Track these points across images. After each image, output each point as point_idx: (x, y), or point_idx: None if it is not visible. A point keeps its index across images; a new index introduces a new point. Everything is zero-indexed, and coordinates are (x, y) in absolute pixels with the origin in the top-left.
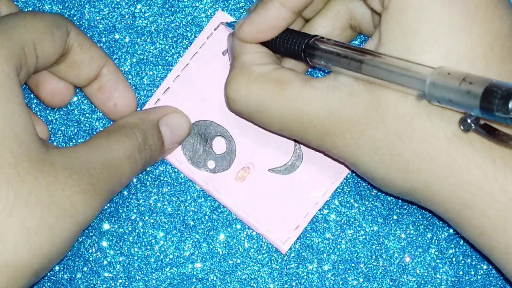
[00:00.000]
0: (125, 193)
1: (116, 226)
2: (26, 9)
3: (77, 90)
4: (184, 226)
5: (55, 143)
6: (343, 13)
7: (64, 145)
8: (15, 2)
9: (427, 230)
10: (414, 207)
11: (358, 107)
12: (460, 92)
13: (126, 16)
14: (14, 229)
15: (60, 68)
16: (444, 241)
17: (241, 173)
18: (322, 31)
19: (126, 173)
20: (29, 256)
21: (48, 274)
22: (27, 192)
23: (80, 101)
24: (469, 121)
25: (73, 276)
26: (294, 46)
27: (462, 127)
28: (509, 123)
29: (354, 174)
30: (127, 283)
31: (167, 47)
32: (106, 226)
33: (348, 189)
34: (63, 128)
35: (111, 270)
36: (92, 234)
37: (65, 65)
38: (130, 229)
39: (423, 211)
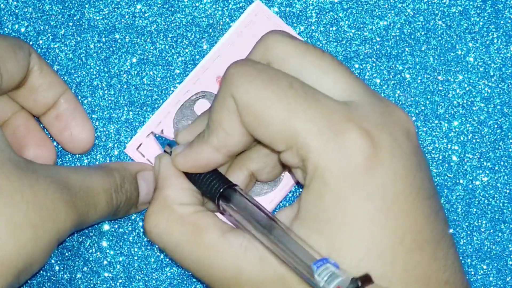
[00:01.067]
0: None
1: (116, 226)
2: (26, 9)
3: None
4: None
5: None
6: (275, 153)
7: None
8: (15, 2)
9: None
10: None
11: (266, 275)
12: None
13: (126, 16)
14: (0, 222)
15: (19, 93)
16: None
17: None
18: (253, 166)
19: (102, 204)
20: (15, 253)
21: (48, 274)
22: (12, 189)
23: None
24: None
25: (73, 276)
26: (210, 190)
27: None
28: None
29: None
30: (127, 283)
31: (167, 47)
32: (106, 226)
33: None
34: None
35: (111, 270)
36: (92, 234)
37: (24, 89)
38: (130, 229)
39: None
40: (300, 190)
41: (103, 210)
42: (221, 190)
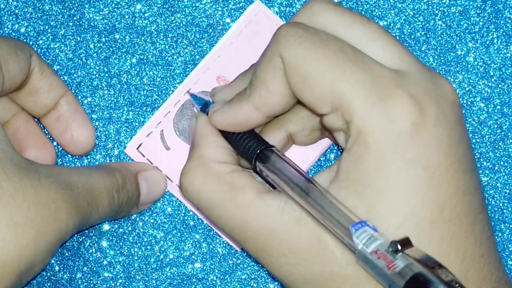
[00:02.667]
0: None
1: (116, 226)
2: (26, 9)
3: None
4: (184, 226)
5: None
6: (316, 116)
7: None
8: (15, 2)
9: None
10: None
11: (301, 237)
12: (385, 277)
13: (126, 16)
14: (1, 223)
15: (20, 95)
16: None
17: None
18: (292, 127)
19: (104, 204)
20: (16, 253)
21: (48, 274)
22: (14, 189)
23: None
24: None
25: (73, 276)
26: (248, 150)
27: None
28: None
29: None
30: (127, 283)
31: (167, 47)
32: (106, 226)
33: None
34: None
35: (111, 270)
36: (92, 234)
37: (25, 91)
38: (130, 229)
39: None
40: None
41: (105, 210)
42: (258, 151)
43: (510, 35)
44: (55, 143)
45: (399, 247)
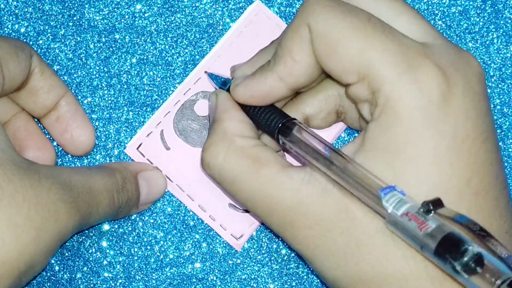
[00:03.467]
0: None
1: (116, 226)
2: (26, 9)
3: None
4: (184, 226)
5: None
6: (333, 98)
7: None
8: (15, 2)
9: None
10: None
11: (327, 207)
12: (416, 238)
13: (126, 16)
14: (2, 224)
15: (20, 95)
16: None
17: None
18: (308, 110)
19: (104, 204)
20: (16, 254)
21: (48, 274)
22: (14, 190)
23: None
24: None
25: (73, 276)
26: (270, 123)
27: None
28: (458, 278)
29: None
30: (127, 283)
31: (167, 47)
32: (106, 226)
33: None
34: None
35: (111, 270)
36: (92, 234)
37: (25, 91)
38: (130, 229)
39: None
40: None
41: (105, 211)
42: (281, 124)
43: (510, 35)
44: (55, 143)
45: (431, 207)
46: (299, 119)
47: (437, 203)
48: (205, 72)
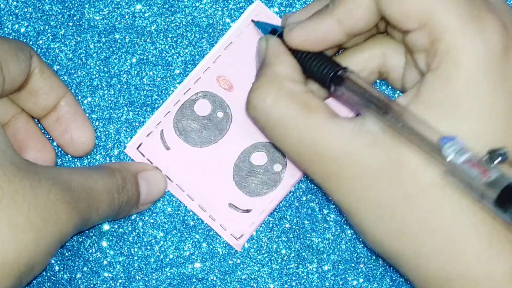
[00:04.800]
0: None
1: (116, 226)
2: (26, 9)
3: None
4: (184, 226)
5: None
6: (377, 57)
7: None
8: (15, 2)
9: None
10: None
11: (376, 159)
12: (476, 187)
13: (126, 16)
14: (1, 224)
15: (20, 96)
16: None
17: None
18: (352, 67)
19: (104, 205)
20: (16, 254)
21: (48, 274)
22: (14, 191)
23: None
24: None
25: (73, 276)
26: (323, 70)
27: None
28: None
29: None
30: (127, 283)
31: (167, 47)
32: (106, 226)
33: None
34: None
35: (111, 270)
36: (92, 234)
37: (25, 92)
38: (130, 229)
39: None
40: (298, 190)
41: (105, 211)
42: (333, 72)
43: None
44: (54, 144)
45: (497, 155)
46: None
47: (501, 153)
48: (252, 20)
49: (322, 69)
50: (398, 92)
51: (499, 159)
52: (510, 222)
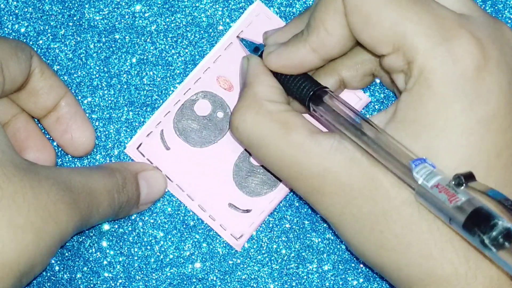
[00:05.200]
0: None
1: (116, 226)
2: (26, 9)
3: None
4: (184, 226)
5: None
6: (369, 61)
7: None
8: (15, 2)
9: None
10: None
11: (354, 175)
12: (445, 211)
13: (126, 16)
14: (1, 224)
15: (20, 96)
16: None
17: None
18: (345, 72)
19: (104, 205)
20: (16, 255)
21: (48, 274)
22: (13, 191)
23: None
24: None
25: (73, 276)
26: (302, 90)
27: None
28: (486, 252)
29: None
30: (127, 283)
31: (167, 47)
32: (106, 226)
33: None
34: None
35: (111, 270)
36: (92, 234)
37: (25, 92)
38: (130, 229)
39: None
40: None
41: (105, 211)
42: (312, 92)
43: None
44: (55, 144)
45: (463, 180)
46: (335, 81)
47: (468, 177)
48: (237, 36)
49: (301, 89)
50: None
51: (464, 186)
52: (477, 245)
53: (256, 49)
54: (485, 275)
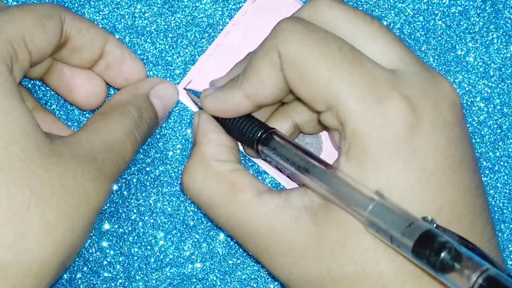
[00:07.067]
0: (125, 193)
1: (116, 226)
2: None
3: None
4: (184, 226)
5: None
6: None
7: None
8: (15, 2)
9: None
10: None
11: (299, 235)
12: (394, 238)
13: (126, 16)
14: (34, 224)
15: (63, 54)
16: None
17: None
18: (298, 117)
19: (129, 151)
20: (53, 250)
21: None
22: (41, 185)
23: None
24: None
25: (73, 276)
26: (248, 134)
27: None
28: (436, 275)
29: None
30: (127, 283)
31: (167, 47)
32: (106, 226)
33: None
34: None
35: (111, 270)
36: (92, 234)
37: (67, 50)
38: (130, 229)
39: None
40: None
41: (131, 156)
42: (259, 134)
43: (510, 35)
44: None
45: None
46: (289, 126)
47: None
48: (184, 88)
49: (248, 133)
50: None
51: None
52: (428, 270)
53: None
54: None
